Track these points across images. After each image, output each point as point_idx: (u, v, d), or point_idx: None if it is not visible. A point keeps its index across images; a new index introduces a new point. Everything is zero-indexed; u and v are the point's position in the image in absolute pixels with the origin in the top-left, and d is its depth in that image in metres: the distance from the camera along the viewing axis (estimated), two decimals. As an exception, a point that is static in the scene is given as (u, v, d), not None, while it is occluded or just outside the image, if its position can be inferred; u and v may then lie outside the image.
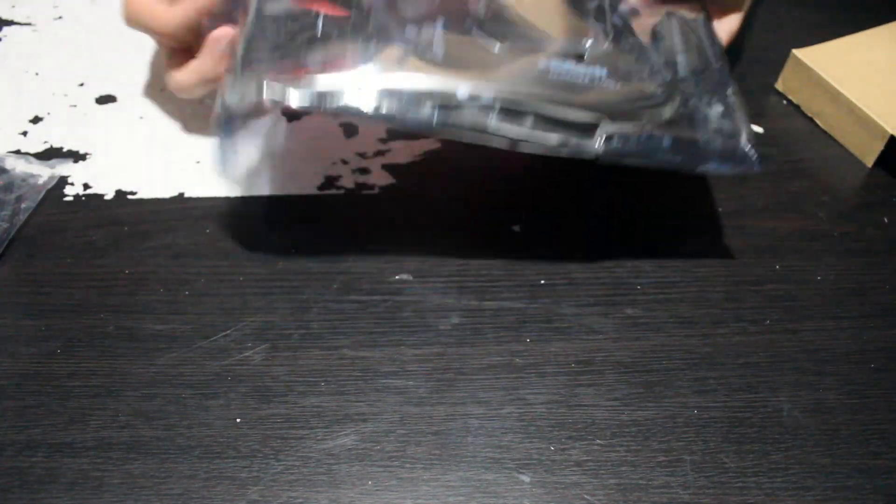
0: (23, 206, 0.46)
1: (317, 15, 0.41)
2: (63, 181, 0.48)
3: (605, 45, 0.42)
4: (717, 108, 0.42)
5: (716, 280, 0.44)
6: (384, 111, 0.38)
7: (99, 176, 0.48)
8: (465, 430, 0.38)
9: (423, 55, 0.40)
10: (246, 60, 0.40)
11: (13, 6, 0.59)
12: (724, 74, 0.44)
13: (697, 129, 0.41)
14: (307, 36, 0.40)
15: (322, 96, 0.38)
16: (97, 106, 0.52)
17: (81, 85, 0.53)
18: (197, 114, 0.51)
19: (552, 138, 0.40)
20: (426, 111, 0.39)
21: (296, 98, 0.38)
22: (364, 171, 0.49)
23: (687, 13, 0.46)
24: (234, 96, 0.39)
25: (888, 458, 0.37)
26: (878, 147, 0.49)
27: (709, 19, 0.47)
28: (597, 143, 0.40)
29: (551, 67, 0.41)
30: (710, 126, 0.41)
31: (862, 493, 0.36)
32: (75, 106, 0.52)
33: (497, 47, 0.41)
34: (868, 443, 0.38)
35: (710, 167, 0.41)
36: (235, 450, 0.37)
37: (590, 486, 0.36)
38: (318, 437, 0.38)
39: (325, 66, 0.39)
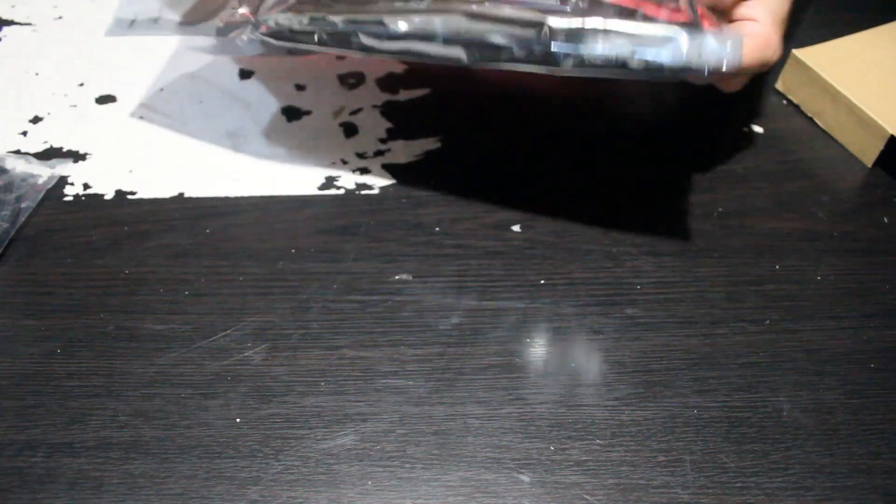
0: (23, 206, 0.46)
1: None
2: (63, 181, 0.48)
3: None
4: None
5: (716, 280, 0.44)
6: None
7: (99, 176, 0.48)
8: (464, 430, 0.38)
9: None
10: None
11: (13, 6, 0.59)
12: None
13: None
14: None
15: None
16: (97, 106, 0.52)
17: (81, 85, 0.53)
18: (197, 114, 0.51)
19: (495, 37, 0.37)
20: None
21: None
22: (364, 171, 0.49)
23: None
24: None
25: (888, 458, 0.37)
26: (878, 147, 0.49)
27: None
28: (542, 37, 0.37)
29: None
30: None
31: (862, 493, 0.36)
32: (75, 106, 0.52)
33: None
34: (868, 443, 0.38)
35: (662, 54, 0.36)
36: (235, 450, 0.37)
37: (590, 486, 0.36)
38: (318, 437, 0.38)
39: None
